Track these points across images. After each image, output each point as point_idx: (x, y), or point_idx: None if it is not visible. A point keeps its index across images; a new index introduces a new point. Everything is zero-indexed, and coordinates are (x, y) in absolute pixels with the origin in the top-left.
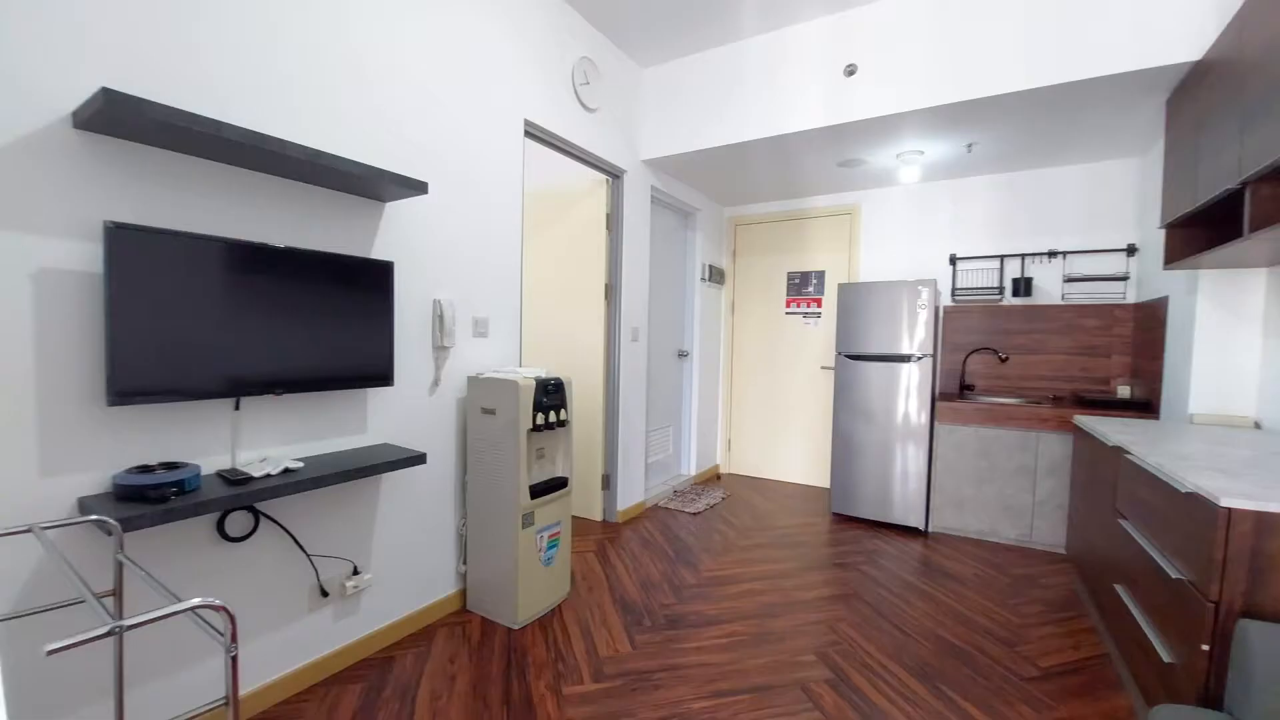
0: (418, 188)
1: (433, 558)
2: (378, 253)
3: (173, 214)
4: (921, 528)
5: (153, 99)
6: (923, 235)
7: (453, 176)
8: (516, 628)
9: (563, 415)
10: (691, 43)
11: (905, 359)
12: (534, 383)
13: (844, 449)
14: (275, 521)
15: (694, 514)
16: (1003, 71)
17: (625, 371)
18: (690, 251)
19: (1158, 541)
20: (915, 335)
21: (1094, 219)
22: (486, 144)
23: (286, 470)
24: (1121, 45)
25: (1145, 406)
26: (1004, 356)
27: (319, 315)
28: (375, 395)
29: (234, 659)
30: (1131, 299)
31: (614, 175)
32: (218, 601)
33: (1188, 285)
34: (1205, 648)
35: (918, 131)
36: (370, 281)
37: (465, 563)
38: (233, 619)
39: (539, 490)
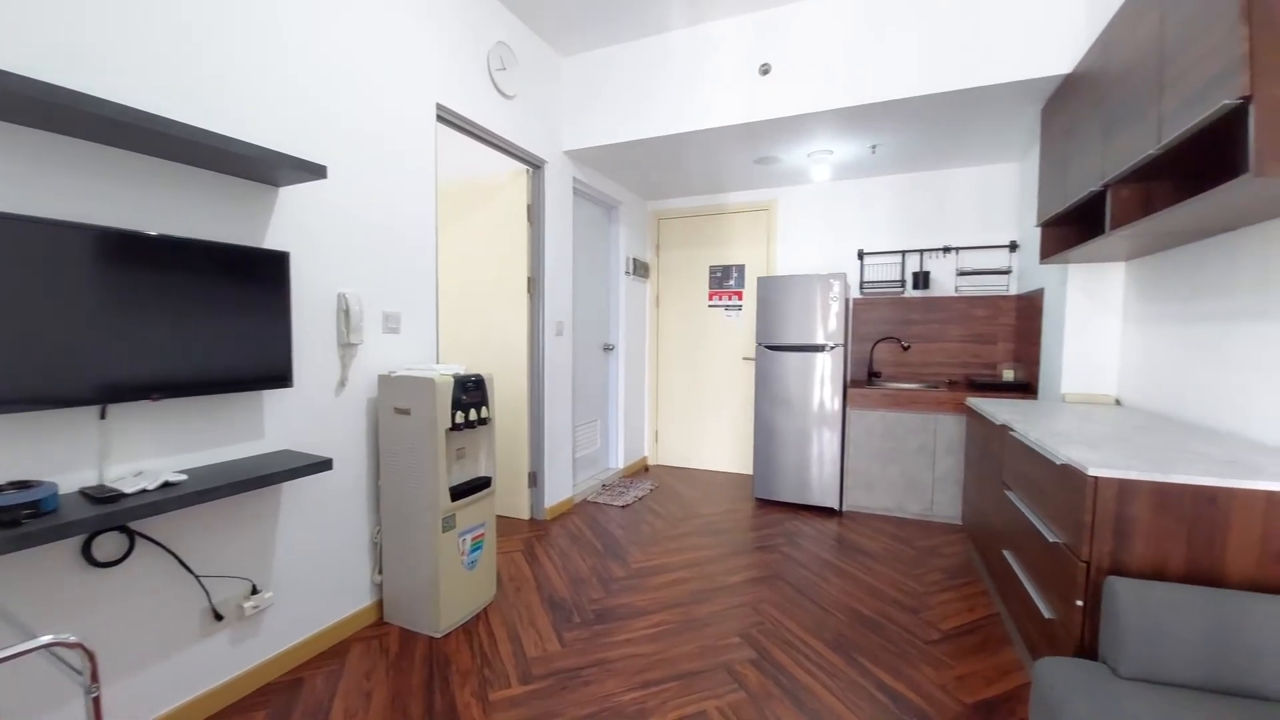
0: (315, 171)
1: (344, 569)
2: (271, 242)
3: (24, 198)
4: (836, 508)
5: (6, 69)
6: (834, 231)
7: (357, 161)
8: (439, 636)
9: (484, 413)
10: (611, 33)
11: (819, 349)
12: (452, 380)
13: (765, 436)
14: (155, 542)
15: (622, 507)
16: (901, 78)
17: (550, 367)
18: (614, 245)
19: (1037, 509)
20: (828, 326)
21: (982, 218)
22: (395, 128)
23: (166, 484)
24: (1005, 57)
25: (1026, 388)
26: (906, 345)
27: (204, 311)
28: (273, 397)
29: (95, 700)
30: (1014, 291)
31: (534, 165)
32: (72, 638)
33: (1060, 278)
34: (1079, 603)
35: (827, 131)
36: (263, 273)
37: (381, 572)
38: (91, 656)
39: (460, 492)
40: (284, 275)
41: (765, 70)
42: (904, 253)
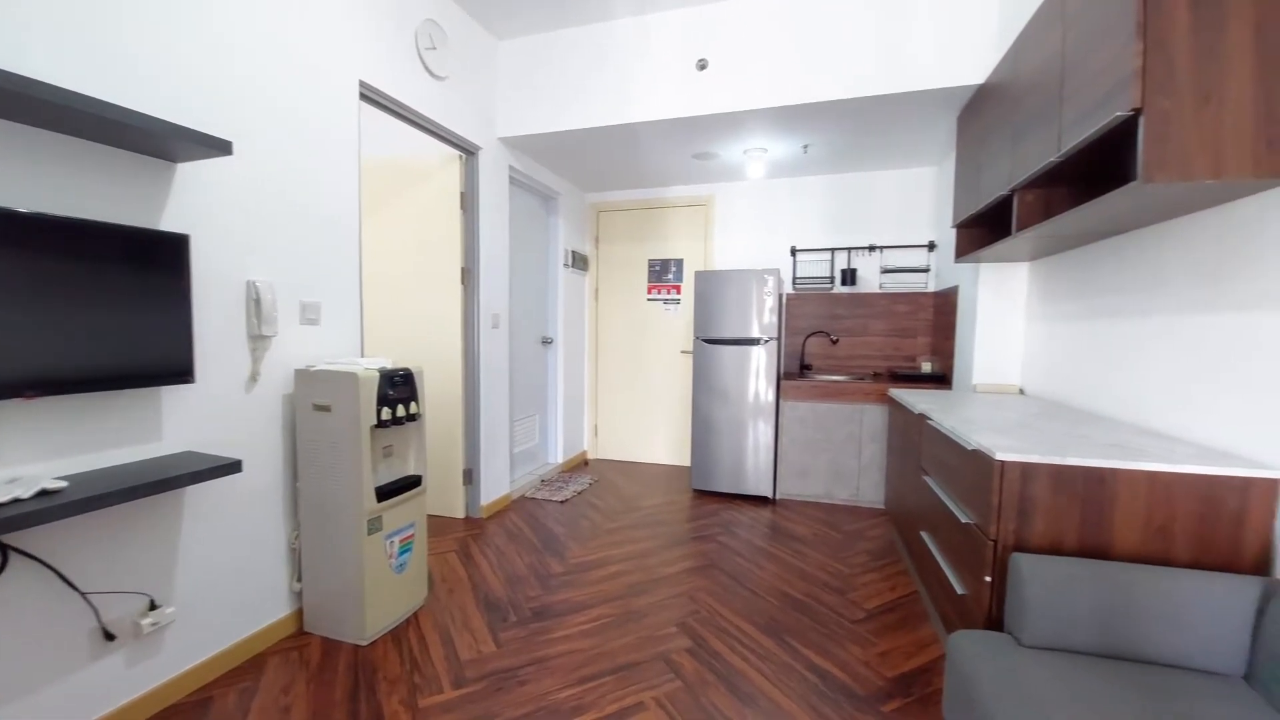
0: (219, 147)
1: (258, 578)
2: (169, 224)
3: None
4: (770, 496)
5: None
6: (768, 228)
7: (270, 139)
8: (365, 644)
9: (413, 409)
10: (548, 19)
11: (754, 342)
12: (377, 374)
13: (702, 428)
14: (31, 556)
15: (561, 502)
16: (829, 81)
17: (486, 360)
18: (553, 237)
19: (951, 492)
20: (763, 320)
21: (904, 218)
22: (313, 105)
23: (43, 492)
24: (924, 67)
25: (942, 379)
26: (835, 339)
27: (89, 299)
28: (173, 395)
29: None
30: (932, 288)
31: (468, 151)
32: None
33: (972, 276)
34: (988, 579)
35: (761, 129)
36: (158, 258)
37: (300, 580)
38: None
39: (388, 492)
40: (183, 260)
41: (703, 66)
42: (833, 250)
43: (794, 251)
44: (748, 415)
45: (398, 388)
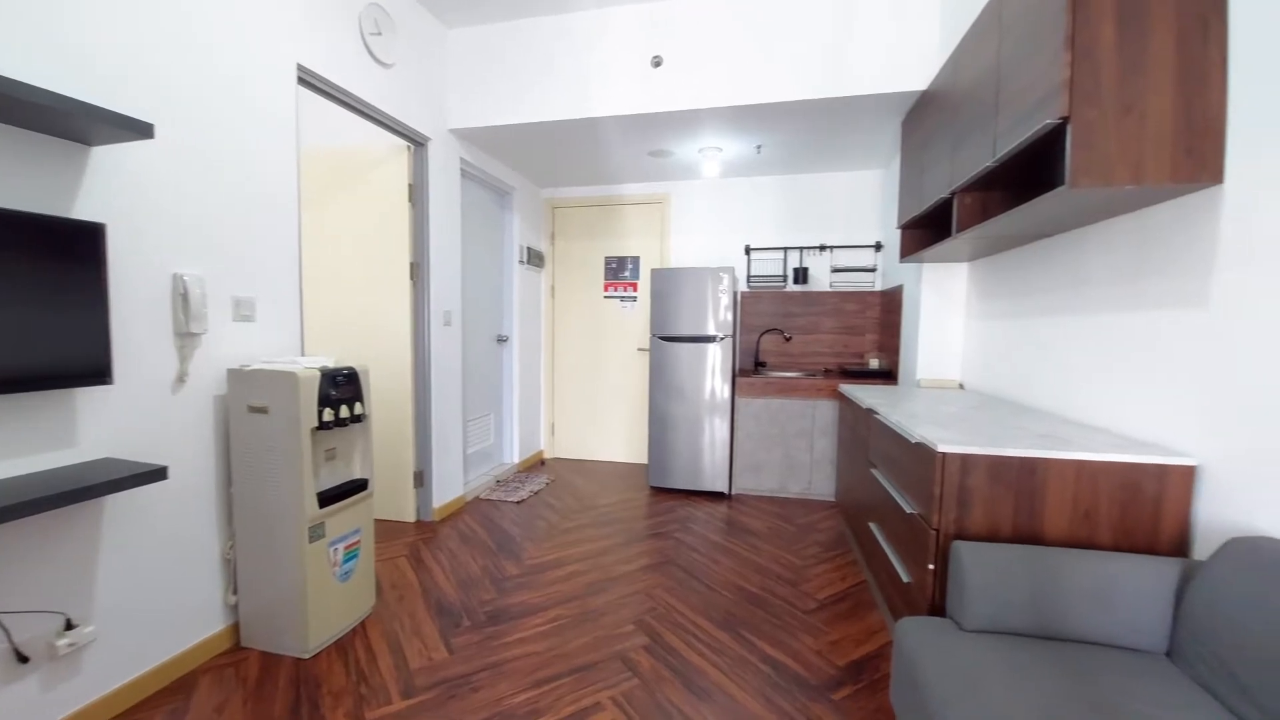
0: (138, 130)
1: (188, 592)
2: (83, 212)
3: None
4: (726, 491)
5: None
6: (723, 226)
7: (200, 123)
8: (307, 656)
9: (358, 409)
10: (500, 9)
11: (710, 339)
12: (318, 374)
13: (659, 425)
14: None
15: (517, 502)
16: (780, 83)
17: (438, 359)
18: (508, 232)
19: (897, 484)
20: (718, 317)
21: (852, 219)
22: (248, 89)
23: None
24: (870, 72)
25: (889, 375)
26: (788, 336)
27: None
28: (89, 397)
29: None
30: (879, 287)
31: (417, 142)
32: None
33: (916, 276)
34: (931, 567)
35: (715, 128)
36: (70, 249)
37: (236, 592)
38: None
39: (331, 497)
40: (98, 252)
41: (657, 63)
42: (785, 249)
43: (748, 250)
44: (704, 412)
45: (341, 387)
